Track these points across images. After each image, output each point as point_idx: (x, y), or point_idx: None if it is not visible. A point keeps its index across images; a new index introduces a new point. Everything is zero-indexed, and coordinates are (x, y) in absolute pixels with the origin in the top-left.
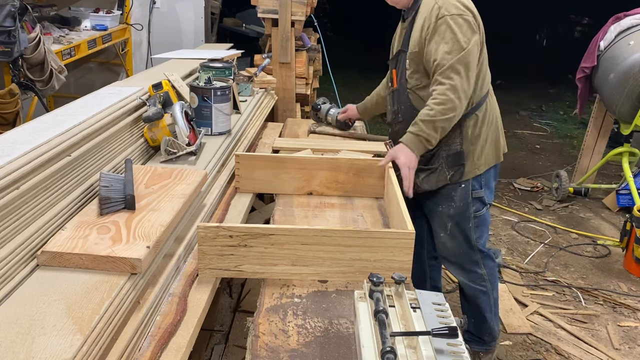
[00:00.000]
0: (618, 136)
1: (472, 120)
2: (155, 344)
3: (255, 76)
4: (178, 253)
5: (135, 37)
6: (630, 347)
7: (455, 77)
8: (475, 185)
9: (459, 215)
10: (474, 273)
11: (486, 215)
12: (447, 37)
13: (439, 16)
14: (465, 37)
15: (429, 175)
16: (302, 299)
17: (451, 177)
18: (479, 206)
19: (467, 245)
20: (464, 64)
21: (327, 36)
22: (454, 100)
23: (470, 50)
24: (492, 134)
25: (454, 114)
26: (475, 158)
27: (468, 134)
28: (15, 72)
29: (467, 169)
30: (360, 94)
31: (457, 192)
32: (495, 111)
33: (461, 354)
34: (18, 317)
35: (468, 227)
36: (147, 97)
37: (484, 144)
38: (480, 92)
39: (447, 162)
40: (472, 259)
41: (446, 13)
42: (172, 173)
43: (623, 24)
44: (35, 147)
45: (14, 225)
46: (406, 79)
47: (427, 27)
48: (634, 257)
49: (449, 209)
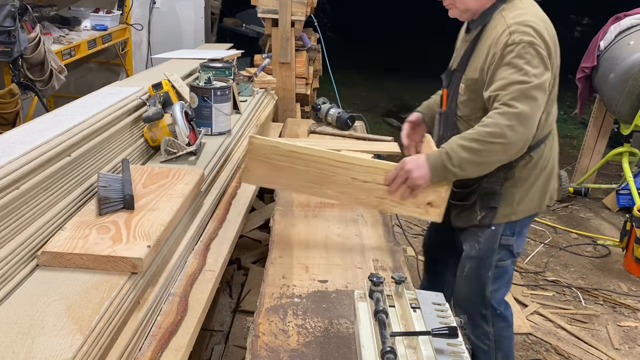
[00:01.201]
0: (618, 136)
1: (524, 160)
2: (155, 344)
3: (255, 76)
4: (178, 253)
5: (135, 37)
6: (630, 347)
7: (515, 104)
8: (506, 232)
9: (479, 259)
10: (480, 328)
11: (508, 269)
12: (513, 67)
13: (508, 43)
14: (537, 69)
15: (461, 212)
16: (302, 299)
17: (481, 219)
18: (505, 256)
19: (479, 296)
20: (530, 96)
21: (327, 36)
22: (504, 126)
23: (540, 86)
24: (542, 179)
25: (498, 143)
26: (515, 202)
27: (514, 174)
28: (15, 72)
29: (500, 212)
30: (360, 94)
31: (484, 233)
32: (554, 154)
33: (461, 354)
34: (18, 317)
35: (486, 276)
36: (147, 97)
37: (529, 188)
38: (541, 131)
39: (481, 200)
40: (481, 312)
41: (517, 40)
42: (169, 173)
43: (623, 24)
44: (35, 147)
45: (14, 225)
46: (457, 104)
47: (492, 55)
48: (634, 257)
49: (471, 250)
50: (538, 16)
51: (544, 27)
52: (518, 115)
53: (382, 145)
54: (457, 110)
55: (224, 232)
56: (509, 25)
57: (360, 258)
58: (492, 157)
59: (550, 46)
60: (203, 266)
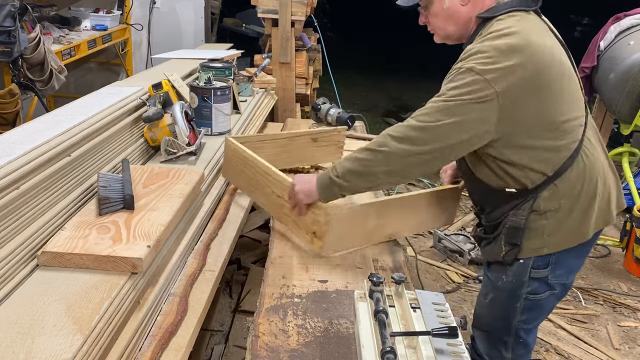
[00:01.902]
0: (618, 136)
1: (548, 191)
2: (156, 344)
3: (255, 76)
4: (178, 253)
5: (135, 37)
6: (630, 347)
7: (412, 120)
8: (538, 264)
9: (505, 291)
10: (497, 351)
11: (545, 302)
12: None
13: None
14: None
15: (487, 246)
16: (302, 299)
17: (505, 254)
18: (538, 288)
19: (503, 323)
20: (435, 117)
21: (327, 36)
22: (389, 136)
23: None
24: (579, 207)
25: (380, 151)
26: (546, 235)
27: (541, 206)
28: (15, 72)
29: (527, 246)
30: (360, 94)
31: (512, 266)
32: (588, 177)
33: (461, 354)
34: (18, 317)
35: (514, 307)
36: (147, 97)
37: (564, 218)
38: (560, 154)
39: (506, 235)
40: (502, 338)
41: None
42: (169, 173)
43: (623, 24)
44: (35, 147)
45: (14, 225)
46: None
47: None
48: (634, 257)
49: (497, 281)
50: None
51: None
52: (408, 127)
53: None
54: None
55: (223, 232)
56: (478, 46)
57: (360, 258)
58: (373, 167)
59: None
60: (203, 266)
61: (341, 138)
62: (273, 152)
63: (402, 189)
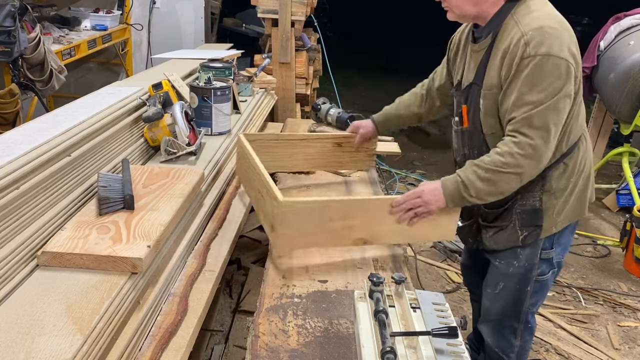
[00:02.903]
0: (618, 136)
1: (558, 170)
2: (155, 344)
3: (255, 76)
4: (178, 253)
5: (135, 37)
6: (630, 347)
7: (529, 132)
8: (546, 245)
9: (518, 276)
10: (506, 341)
11: (549, 281)
12: (528, 84)
13: (524, 56)
14: (554, 85)
15: (498, 234)
16: (302, 299)
17: (524, 238)
18: (545, 269)
19: (513, 311)
20: (544, 119)
21: (327, 36)
22: (519, 157)
23: (556, 103)
24: (580, 185)
25: (514, 173)
26: (555, 214)
27: (552, 186)
28: (15, 72)
29: (545, 227)
30: (360, 94)
31: (524, 250)
32: (588, 157)
33: (461, 354)
34: (18, 317)
35: (525, 291)
36: (147, 97)
37: (568, 197)
38: (573, 136)
39: (521, 219)
40: (512, 326)
41: (532, 53)
42: (169, 173)
43: (623, 24)
44: (35, 147)
45: (14, 225)
46: (481, 120)
47: (508, 65)
48: (634, 257)
49: (508, 268)
50: (553, 17)
51: (562, 29)
52: (533, 146)
53: (382, 145)
54: (483, 127)
55: (223, 232)
56: (524, 33)
57: (360, 258)
58: (507, 187)
59: (573, 49)
60: (203, 266)
61: (371, 145)
62: (287, 152)
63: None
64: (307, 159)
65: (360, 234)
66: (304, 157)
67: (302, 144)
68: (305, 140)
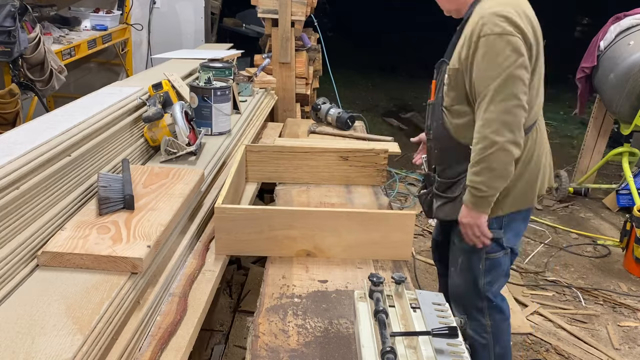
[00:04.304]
0: (618, 136)
1: None
2: (155, 344)
3: (255, 76)
4: (178, 253)
5: (135, 37)
6: (630, 347)
7: (492, 108)
8: (493, 225)
9: (470, 251)
10: (477, 321)
11: (501, 260)
12: (486, 61)
13: (480, 35)
14: (507, 60)
15: (446, 205)
16: (302, 299)
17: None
18: (494, 247)
19: (473, 289)
20: (505, 91)
21: (327, 36)
22: (489, 135)
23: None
24: (529, 173)
25: (492, 150)
26: (501, 196)
27: None
28: (15, 72)
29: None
30: (360, 93)
31: None
32: (541, 148)
33: (461, 354)
34: (18, 317)
35: (478, 268)
36: (147, 97)
37: (515, 181)
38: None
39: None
40: (477, 305)
41: (488, 32)
42: (169, 173)
43: (623, 24)
44: (35, 147)
45: (14, 225)
46: (443, 94)
47: (467, 46)
48: (634, 257)
49: (461, 243)
50: (512, 4)
51: (519, 14)
52: (496, 118)
53: (382, 145)
54: (443, 100)
55: None
56: (481, 16)
57: (360, 258)
58: (501, 165)
59: (527, 33)
60: (203, 266)
61: (380, 160)
62: (291, 164)
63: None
64: (312, 171)
65: (303, 246)
66: (308, 170)
67: (307, 156)
68: (309, 153)
